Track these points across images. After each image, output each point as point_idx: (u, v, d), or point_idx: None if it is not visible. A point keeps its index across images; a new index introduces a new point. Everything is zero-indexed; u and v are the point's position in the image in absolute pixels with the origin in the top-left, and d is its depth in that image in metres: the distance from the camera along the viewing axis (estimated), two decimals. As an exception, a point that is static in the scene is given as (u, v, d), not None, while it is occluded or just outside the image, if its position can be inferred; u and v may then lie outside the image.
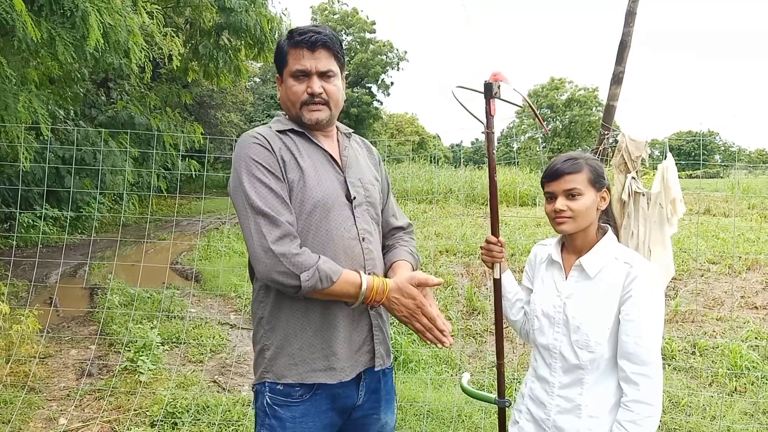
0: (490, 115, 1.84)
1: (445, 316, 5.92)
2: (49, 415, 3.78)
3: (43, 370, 4.52)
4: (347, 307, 1.62)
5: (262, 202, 1.52)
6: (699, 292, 7.21)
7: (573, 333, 1.64)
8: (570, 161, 1.67)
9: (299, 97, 1.65)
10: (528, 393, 1.81)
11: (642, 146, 2.73)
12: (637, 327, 1.55)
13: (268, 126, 1.70)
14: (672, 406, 4.00)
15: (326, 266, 1.51)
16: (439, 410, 3.75)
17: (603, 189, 1.69)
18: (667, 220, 2.76)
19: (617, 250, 1.67)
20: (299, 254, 1.50)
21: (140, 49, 4.98)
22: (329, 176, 1.65)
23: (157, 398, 3.90)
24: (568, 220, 1.65)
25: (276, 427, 1.62)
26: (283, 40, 1.68)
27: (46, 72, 7.46)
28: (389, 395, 1.82)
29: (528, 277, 1.90)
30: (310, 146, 1.67)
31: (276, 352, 1.63)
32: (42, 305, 6.48)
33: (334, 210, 1.62)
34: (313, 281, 1.49)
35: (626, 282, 1.58)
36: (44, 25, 4.16)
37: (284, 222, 1.51)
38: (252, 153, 1.57)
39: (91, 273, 8.66)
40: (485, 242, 1.89)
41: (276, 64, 1.73)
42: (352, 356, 1.66)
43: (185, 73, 9.84)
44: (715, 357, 4.86)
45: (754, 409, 3.93)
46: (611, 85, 2.84)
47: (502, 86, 1.80)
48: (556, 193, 1.67)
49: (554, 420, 1.68)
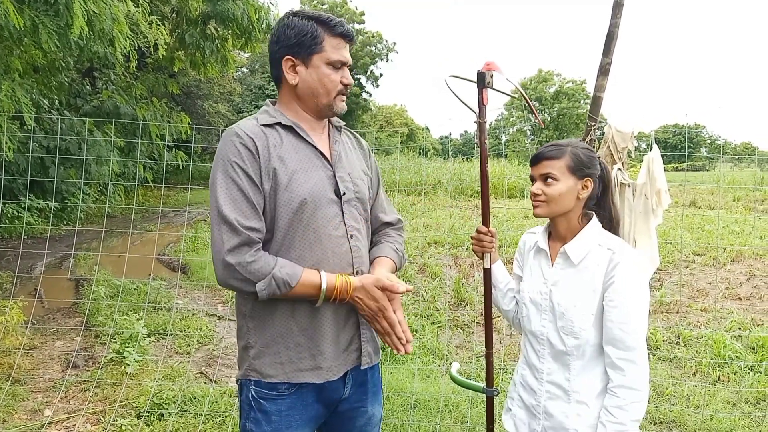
0: (482, 105, 1.83)
1: (434, 308, 5.94)
2: (33, 406, 3.75)
3: (28, 362, 4.48)
4: (334, 306, 1.61)
5: (229, 207, 1.49)
6: (684, 283, 7.29)
7: (558, 319, 1.67)
8: (552, 147, 1.70)
9: (336, 86, 1.63)
10: (519, 380, 1.83)
11: (628, 138, 2.74)
12: (620, 313, 1.56)
13: (254, 118, 1.64)
14: (656, 395, 4.05)
15: (283, 272, 1.49)
16: (426, 400, 3.77)
17: (585, 178, 1.69)
18: (652, 211, 2.78)
19: (601, 237, 1.68)
20: (253, 262, 1.48)
21: (125, 37, 4.91)
22: (317, 172, 1.61)
23: (144, 389, 3.89)
24: (541, 204, 1.69)
25: (261, 420, 1.61)
26: (313, 25, 1.60)
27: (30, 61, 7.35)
28: (376, 387, 1.82)
29: (518, 264, 1.92)
30: (297, 141, 1.63)
31: (261, 350, 1.61)
32: (27, 297, 6.42)
33: (322, 207, 1.59)
34: (269, 289, 1.48)
35: (609, 268, 1.59)
36: (27, 12, 4.08)
37: (244, 230, 1.48)
38: (231, 153, 1.53)
39: (77, 264, 8.58)
40: (476, 232, 1.89)
41: (296, 47, 1.60)
42: (340, 355, 1.64)
43: (171, 62, 9.72)
44: (699, 347, 4.93)
45: (736, 398, 3.99)
46: (598, 76, 2.84)
47: (495, 76, 1.79)
48: (534, 176, 1.71)
49: (544, 406, 1.70)
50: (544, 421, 1.70)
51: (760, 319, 5.59)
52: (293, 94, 1.67)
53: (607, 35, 2.95)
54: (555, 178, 1.66)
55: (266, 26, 9.20)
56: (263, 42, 10.06)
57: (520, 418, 1.79)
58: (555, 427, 1.68)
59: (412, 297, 6.27)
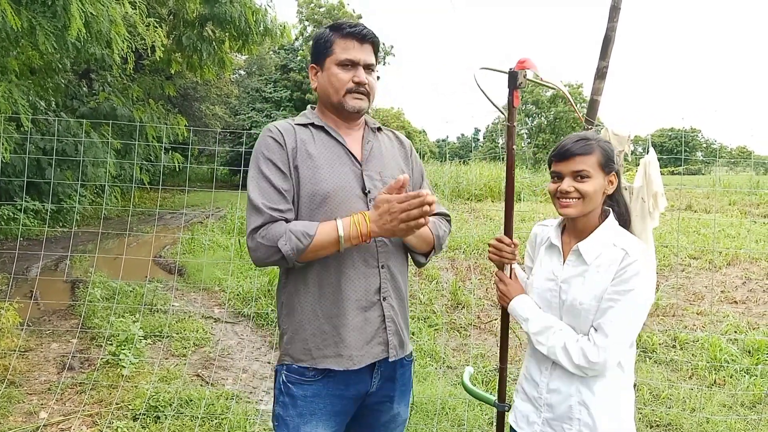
0: (512, 107, 1.74)
1: (430, 310, 5.93)
2: (29, 409, 3.73)
3: (23, 364, 4.46)
4: (358, 297, 1.66)
5: (258, 195, 1.61)
6: (680, 286, 7.31)
7: (565, 315, 1.65)
8: (582, 141, 1.62)
9: (344, 85, 1.70)
10: (524, 373, 1.81)
11: (625, 141, 2.75)
12: (614, 307, 1.55)
13: (292, 118, 1.77)
14: (653, 398, 4.05)
15: (298, 227, 1.57)
16: (422, 403, 3.77)
17: (612, 173, 1.64)
18: (648, 214, 2.78)
19: (617, 236, 1.63)
20: (270, 228, 1.58)
21: (122, 39, 4.91)
22: (344, 169, 1.69)
23: (140, 392, 3.87)
24: (574, 203, 1.61)
25: (288, 404, 1.69)
26: (327, 32, 1.74)
27: (27, 62, 7.34)
28: (405, 387, 1.85)
29: (530, 257, 1.88)
30: (328, 139, 1.72)
31: (292, 336, 1.71)
32: (23, 299, 6.39)
33: (347, 203, 1.65)
34: (291, 243, 1.55)
35: (620, 267, 1.55)
36: (24, 13, 4.08)
37: (267, 210, 1.59)
38: (263, 147, 1.67)
39: (73, 266, 8.56)
40: (496, 240, 1.83)
41: (315, 54, 1.76)
42: (363, 346, 1.68)
43: (168, 64, 9.72)
44: (695, 350, 4.94)
45: (732, 402, 4.00)
46: (595, 79, 2.84)
47: (528, 74, 1.70)
48: (563, 173, 1.62)
49: (546, 398, 1.69)
50: (546, 413, 1.69)
51: (756, 323, 5.61)
52: (319, 98, 1.80)
53: (604, 39, 2.96)
54: (589, 176, 1.60)
55: (263, 29, 9.20)
56: (260, 44, 10.07)
57: (522, 410, 1.78)
58: (557, 419, 1.67)
59: (409, 299, 6.26)
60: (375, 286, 1.69)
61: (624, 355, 1.62)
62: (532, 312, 1.71)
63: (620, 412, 1.65)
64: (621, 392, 1.66)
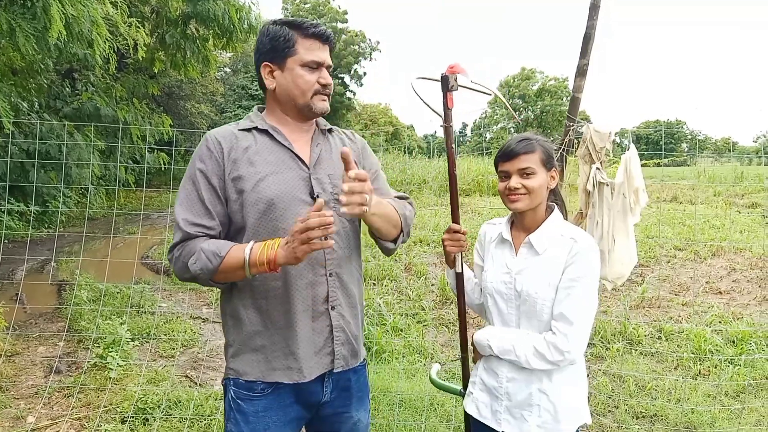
0: (447, 109, 1.84)
1: (419, 306, 5.94)
2: (16, 413, 3.71)
3: (10, 368, 4.43)
4: (306, 307, 1.62)
5: (181, 209, 1.59)
6: (665, 278, 7.37)
7: (522, 305, 1.73)
8: (524, 141, 1.74)
9: (311, 86, 1.66)
10: (482, 364, 1.86)
11: (606, 137, 2.78)
12: (570, 294, 1.65)
13: (236, 123, 1.72)
14: (638, 389, 4.10)
15: (211, 246, 1.53)
16: (411, 399, 3.79)
17: (552, 169, 1.78)
18: (630, 209, 2.82)
19: (563, 227, 1.76)
20: (187, 245, 1.56)
21: (104, 39, 4.86)
22: (290, 174, 1.63)
23: (128, 394, 3.86)
24: (522, 197, 1.72)
25: (240, 421, 1.64)
26: (286, 30, 1.64)
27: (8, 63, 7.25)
28: (362, 392, 1.82)
29: (479, 255, 1.96)
30: (272, 144, 1.66)
31: (239, 348, 1.66)
32: (8, 302, 6.34)
33: (292, 208, 1.60)
34: (201, 263, 1.51)
35: (570, 255, 1.68)
36: (3, 15, 4.03)
37: (187, 227, 1.57)
38: (198, 157, 1.63)
39: (59, 268, 8.49)
40: (449, 231, 1.92)
41: (271, 53, 1.66)
42: (313, 358, 1.65)
43: (152, 63, 9.65)
44: (681, 341, 5.00)
45: (716, 392, 4.06)
46: (576, 77, 2.86)
47: (459, 78, 1.79)
48: (510, 172, 1.74)
49: (506, 387, 1.76)
50: (506, 401, 1.76)
51: (740, 313, 5.68)
52: (274, 99, 1.71)
53: (584, 37, 2.98)
54: (533, 172, 1.72)
55: (248, 26, 9.16)
56: (245, 42, 10.01)
57: (482, 400, 1.83)
58: (518, 406, 1.74)
59: (398, 296, 6.29)
60: (323, 295, 1.65)
61: None
62: (490, 333, 1.78)
63: (578, 397, 1.75)
64: (577, 377, 1.76)
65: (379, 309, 5.49)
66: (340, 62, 35.05)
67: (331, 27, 36.00)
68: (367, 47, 36.88)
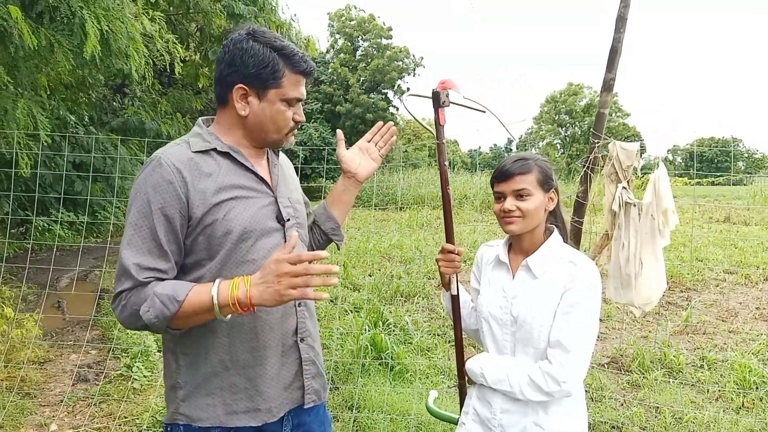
0: (439, 125, 1.78)
1: (449, 325, 5.82)
2: (40, 421, 3.77)
3: (40, 375, 4.53)
4: (276, 342, 1.51)
5: (131, 252, 1.37)
6: (713, 302, 7.04)
7: (518, 331, 1.64)
8: (520, 162, 1.67)
9: (288, 124, 1.55)
10: (475, 393, 1.77)
11: (633, 155, 2.64)
12: (568, 320, 1.56)
13: (185, 142, 1.50)
14: (675, 422, 3.87)
15: (166, 289, 1.34)
16: (430, 423, 3.67)
17: (551, 190, 1.70)
18: (659, 231, 2.66)
19: (563, 250, 1.68)
20: (133, 293, 1.36)
21: (141, 55, 5.00)
22: (258, 200, 1.51)
23: (147, 406, 3.88)
24: (517, 220, 1.65)
25: None
26: (275, 58, 1.47)
27: (58, 78, 7.54)
28: (323, 425, 1.70)
29: (476, 278, 1.88)
30: (236, 168, 1.51)
31: (191, 391, 1.49)
32: (50, 309, 6.53)
33: (263, 237, 1.49)
34: (154, 311, 1.32)
35: (569, 279, 1.59)
36: (43, 32, 4.18)
37: (137, 274, 1.36)
38: (151, 188, 1.39)
39: (102, 277, 8.72)
40: (443, 251, 1.83)
41: (254, 78, 1.48)
42: (281, 394, 1.53)
43: (196, 79, 9.90)
44: (724, 371, 4.71)
45: (760, 427, 3.78)
46: (602, 92, 2.73)
47: (451, 94, 1.72)
48: (505, 193, 1.67)
49: (500, 418, 1.67)
50: None
51: (791, 342, 5.34)
52: (239, 123, 1.54)
53: (610, 50, 2.85)
54: (529, 194, 1.65)
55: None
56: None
57: (475, 431, 1.74)
58: None
59: (428, 314, 6.18)
60: (292, 328, 1.55)
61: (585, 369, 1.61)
62: (484, 361, 1.70)
63: (576, 430, 1.66)
64: (576, 409, 1.66)
65: (405, 327, 5.39)
66: (383, 78, 35.26)
67: (375, 43, 36.37)
68: (410, 63, 37.01)
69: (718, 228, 13.89)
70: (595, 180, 3.08)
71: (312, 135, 30.72)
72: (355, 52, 37.20)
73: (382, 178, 20.71)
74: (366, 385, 4.14)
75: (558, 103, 54.36)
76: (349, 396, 4.05)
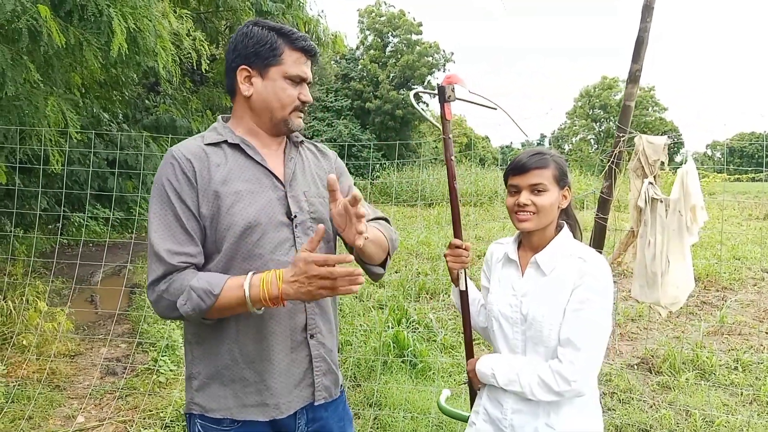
0: (445, 120, 1.74)
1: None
2: (68, 413, 3.85)
3: (70, 368, 4.63)
4: (284, 338, 1.51)
5: (160, 239, 1.42)
6: (750, 302, 6.82)
7: (528, 329, 1.60)
8: (537, 156, 1.63)
9: (293, 101, 1.55)
10: (486, 393, 1.73)
11: (660, 149, 2.54)
12: (578, 317, 1.52)
13: (201, 136, 1.57)
14: (705, 425, 3.75)
15: (201, 282, 1.37)
16: (450, 422, 3.63)
17: (565, 188, 1.67)
18: (686, 228, 2.56)
19: (572, 246, 1.65)
20: (172, 283, 1.39)
21: (168, 53, 5.05)
22: (266, 193, 1.51)
23: (172, 399, 3.93)
24: (531, 217, 1.61)
25: None
26: (273, 36, 1.52)
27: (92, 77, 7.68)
28: (342, 422, 1.69)
29: (486, 276, 1.84)
30: (245, 160, 1.53)
31: (204, 382, 1.52)
32: (83, 303, 6.69)
33: (270, 231, 1.49)
34: (191, 303, 1.36)
35: (578, 276, 1.55)
36: (72, 30, 4.25)
37: (171, 259, 1.40)
38: (169, 178, 1.46)
39: (134, 272, 8.89)
40: (451, 246, 1.80)
41: (253, 57, 1.52)
42: (291, 391, 1.53)
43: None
44: (759, 373, 4.56)
45: (797, 433, 3.64)
46: (627, 84, 2.63)
47: (457, 89, 1.68)
48: (520, 186, 1.63)
49: (511, 419, 1.63)
50: None
51: (833, 345, 5.13)
52: (246, 107, 1.57)
53: (636, 41, 2.75)
54: (545, 189, 1.61)
55: (315, 38, 9.29)
56: (314, 55, 10.18)
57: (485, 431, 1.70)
58: None
59: (453, 311, 6.12)
60: (301, 324, 1.53)
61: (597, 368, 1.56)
62: (495, 362, 1.65)
63: None
64: (589, 409, 1.62)
65: (429, 324, 5.35)
66: (413, 73, 35.09)
67: (405, 39, 36.21)
68: (441, 58, 36.76)
69: (758, 225, 13.46)
70: (621, 175, 2.98)
71: (342, 132, 30.81)
72: (385, 48, 37.09)
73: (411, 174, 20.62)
74: (388, 383, 4.12)
75: (592, 97, 53.42)
76: (370, 393, 4.03)
